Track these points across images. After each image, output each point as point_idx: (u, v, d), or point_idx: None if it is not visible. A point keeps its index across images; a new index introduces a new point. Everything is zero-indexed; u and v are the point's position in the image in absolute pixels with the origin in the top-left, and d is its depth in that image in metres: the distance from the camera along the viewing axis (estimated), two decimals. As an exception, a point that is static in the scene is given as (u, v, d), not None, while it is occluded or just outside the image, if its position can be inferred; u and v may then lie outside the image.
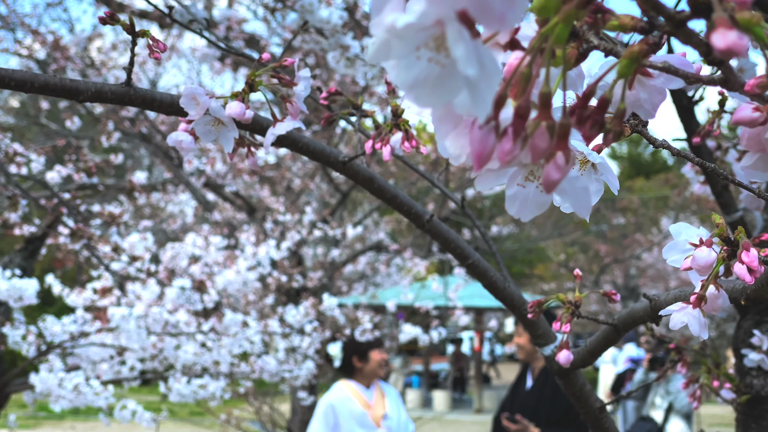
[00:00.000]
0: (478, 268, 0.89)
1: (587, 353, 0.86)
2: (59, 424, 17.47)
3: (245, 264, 5.11)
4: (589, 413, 0.97)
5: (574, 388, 0.95)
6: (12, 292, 3.76)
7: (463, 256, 0.89)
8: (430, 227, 0.87)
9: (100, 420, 14.68)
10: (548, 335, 0.91)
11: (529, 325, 0.91)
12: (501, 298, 0.91)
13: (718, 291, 0.59)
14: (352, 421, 5.01)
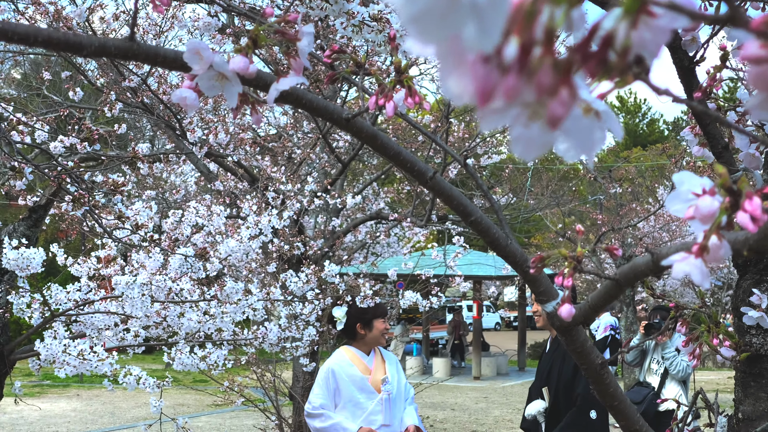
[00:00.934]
0: (480, 225, 0.90)
1: (589, 308, 0.87)
2: (64, 392, 17.61)
3: (247, 232, 5.12)
4: (591, 369, 0.98)
5: (575, 344, 0.96)
6: (19, 261, 3.78)
7: (465, 213, 0.90)
8: (433, 184, 0.87)
9: (103, 388, 14.91)
10: (550, 292, 0.92)
11: (532, 282, 0.92)
12: (503, 255, 0.91)
13: (720, 241, 0.59)
14: (352, 386, 5.05)
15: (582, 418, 4.74)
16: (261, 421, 10.91)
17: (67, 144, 4.80)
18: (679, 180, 0.61)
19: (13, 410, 14.07)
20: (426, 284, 8.08)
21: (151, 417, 13.59)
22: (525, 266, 0.91)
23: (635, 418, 1.01)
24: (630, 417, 1.01)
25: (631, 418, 1.01)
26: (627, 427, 1.01)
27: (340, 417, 4.98)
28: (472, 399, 16.34)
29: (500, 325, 48.18)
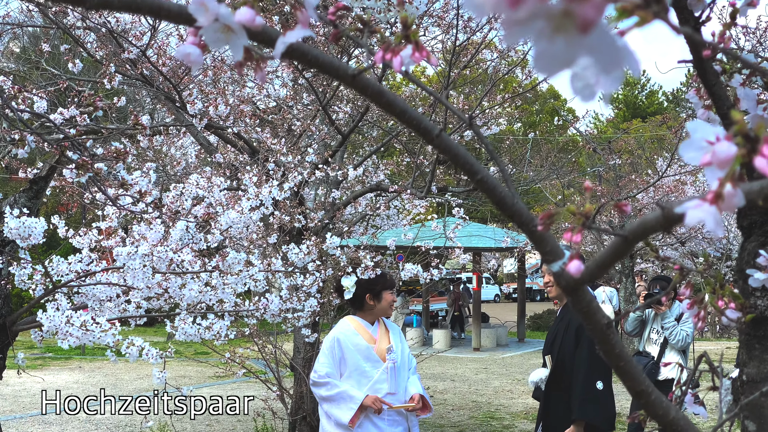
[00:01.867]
0: (486, 184, 0.89)
1: (596, 267, 0.86)
2: (66, 364, 17.69)
3: (248, 204, 5.12)
4: (596, 329, 0.97)
5: (581, 304, 0.95)
6: (21, 230, 3.78)
7: (472, 171, 0.89)
8: (439, 142, 0.87)
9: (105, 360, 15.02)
10: (556, 252, 0.91)
11: (538, 242, 0.91)
12: (509, 214, 0.91)
13: (735, 189, 0.59)
14: (357, 355, 5.09)
15: (590, 392, 4.79)
16: (262, 392, 10.96)
17: (67, 116, 4.78)
18: (693, 128, 0.60)
19: (15, 382, 14.13)
20: (426, 256, 8.09)
21: (153, 389, 13.65)
22: (531, 225, 0.90)
23: (641, 378, 1.01)
24: (635, 377, 1.01)
25: (637, 378, 1.01)
26: (632, 387, 1.01)
27: (346, 385, 5.01)
28: (471, 370, 16.42)
29: (499, 297, 48.31)
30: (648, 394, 1.00)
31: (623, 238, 0.78)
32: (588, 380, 4.79)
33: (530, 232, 0.91)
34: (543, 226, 0.82)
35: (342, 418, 4.93)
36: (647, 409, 1.02)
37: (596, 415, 4.80)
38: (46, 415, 11.51)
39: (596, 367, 4.78)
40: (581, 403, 4.89)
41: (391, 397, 5.07)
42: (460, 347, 21.75)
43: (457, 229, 8.26)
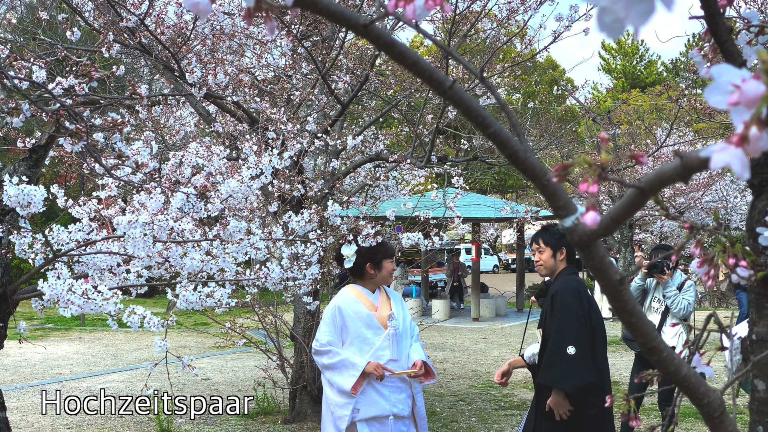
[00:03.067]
0: (499, 137, 0.88)
1: (610, 220, 0.85)
2: (66, 335, 17.75)
3: (248, 172, 5.10)
4: (609, 285, 0.97)
5: (594, 260, 0.94)
6: (20, 198, 3.77)
7: (484, 124, 0.88)
8: (452, 94, 0.85)
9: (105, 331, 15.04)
10: (569, 206, 0.90)
11: (551, 196, 0.90)
12: (522, 168, 0.90)
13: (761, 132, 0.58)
14: (358, 323, 5.10)
15: (558, 355, 4.72)
16: (262, 361, 11.01)
17: (65, 85, 4.75)
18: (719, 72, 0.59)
19: (16, 353, 14.19)
20: (425, 226, 8.08)
21: (153, 359, 13.69)
22: (544, 179, 0.89)
23: (653, 335, 1.00)
24: (647, 334, 1.00)
25: (649, 334, 1.00)
26: (645, 343, 1.01)
27: (348, 353, 5.02)
28: (471, 340, 16.48)
29: (498, 268, 48.43)
30: (660, 350, 1.00)
31: (639, 190, 0.78)
32: (556, 345, 4.73)
33: (543, 186, 0.90)
34: (558, 177, 0.81)
35: (344, 385, 4.95)
36: (659, 365, 1.02)
37: (559, 379, 4.70)
38: (47, 385, 11.56)
39: (567, 332, 4.71)
40: (544, 367, 4.86)
41: (393, 363, 5.09)
42: (459, 317, 21.82)
43: (456, 198, 8.24)
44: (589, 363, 4.67)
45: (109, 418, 9.35)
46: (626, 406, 1.32)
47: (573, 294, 4.81)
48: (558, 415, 4.69)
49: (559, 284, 4.95)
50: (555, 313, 4.81)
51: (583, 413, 4.69)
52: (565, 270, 5.04)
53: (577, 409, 4.70)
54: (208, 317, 11.17)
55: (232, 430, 8.67)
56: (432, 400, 10.11)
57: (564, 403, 4.68)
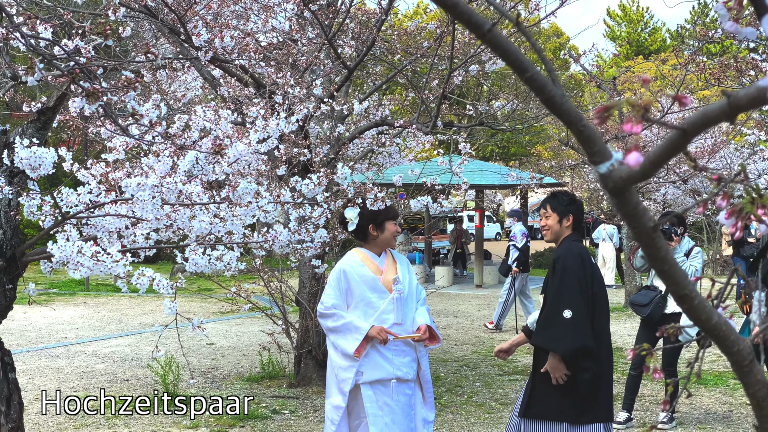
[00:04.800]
0: (536, 82, 0.88)
1: (649, 164, 0.85)
2: (71, 300, 17.82)
3: (256, 136, 5.09)
4: (643, 232, 0.97)
5: (628, 207, 0.94)
6: (31, 160, 3.76)
7: (522, 68, 0.88)
8: (490, 37, 0.85)
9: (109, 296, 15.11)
10: (604, 152, 0.90)
11: (586, 142, 0.90)
12: (558, 113, 0.89)
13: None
14: (363, 286, 5.11)
15: (553, 318, 4.74)
16: (266, 326, 11.05)
17: (71, 47, 4.73)
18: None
19: (21, 317, 14.27)
20: (431, 192, 8.08)
21: (157, 324, 13.75)
22: (580, 125, 0.89)
23: (685, 282, 1.00)
24: (680, 282, 1.00)
25: (681, 282, 1.00)
26: (676, 291, 1.01)
27: (352, 316, 5.04)
28: (474, 306, 16.54)
29: (500, 235, 48.48)
30: (692, 298, 1.00)
31: (682, 131, 0.77)
32: (553, 308, 4.76)
33: (578, 132, 0.90)
34: (599, 119, 0.80)
35: (347, 348, 4.97)
36: (690, 313, 1.02)
37: (552, 342, 4.74)
38: (53, 349, 11.63)
39: (564, 296, 4.73)
40: (538, 329, 4.90)
41: (398, 327, 5.10)
42: (462, 284, 21.88)
43: (462, 164, 8.23)
44: (584, 327, 4.69)
45: (116, 382, 9.41)
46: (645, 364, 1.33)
47: (575, 259, 4.84)
48: (554, 379, 4.72)
49: (562, 249, 4.98)
50: (555, 277, 4.84)
51: (577, 377, 4.72)
52: (570, 237, 5.07)
53: (573, 373, 4.73)
54: (214, 281, 11.21)
55: (237, 393, 8.72)
56: (436, 366, 10.16)
57: (560, 366, 4.69)
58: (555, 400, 4.76)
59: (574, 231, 5.09)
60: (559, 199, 5.11)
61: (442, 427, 7.32)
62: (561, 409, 4.76)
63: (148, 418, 7.67)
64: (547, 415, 4.79)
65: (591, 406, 4.76)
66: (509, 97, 12.33)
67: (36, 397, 8.52)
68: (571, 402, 4.74)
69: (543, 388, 4.82)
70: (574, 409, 4.74)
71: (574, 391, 4.73)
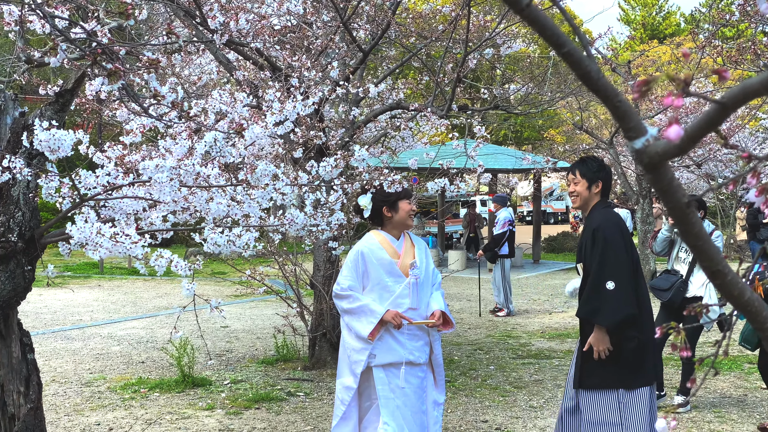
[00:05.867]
0: (573, 57, 0.88)
1: (687, 138, 0.85)
2: (86, 283, 17.93)
3: (272, 118, 5.09)
4: (677, 208, 0.97)
5: (662, 182, 0.94)
6: (51, 142, 3.78)
7: (558, 43, 0.88)
8: (528, 12, 0.85)
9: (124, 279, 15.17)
10: (639, 128, 0.90)
11: (622, 117, 0.90)
12: (594, 88, 0.89)
13: None
14: (380, 270, 5.11)
15: (596, 290, 4.75)
16: (280, 310, 11.11)
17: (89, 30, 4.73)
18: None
19: (36, 299, 14.36)
20: (445, 175, 8.07)
21: (171, 307, 13.83)
22: (616, 100, 0.89)
23: (718, 258, 1.01)
24: (713, 257, 1.01)
25: (714, 258, 1.01)
26: (709, 267, 1.01)
27: (367, 299, 5.05)
28: (487, 290, 16.53)
29: (513, 220, 48.27)
30: (724, 274, 1.00)
31: (720, 105, 0.77)
32: (596, 280, 4.77)
33: (614, 107, 0.90)
34: (639, 93, 0.81)
35: (362, 331, 4.99)
36: (722, 289, 1.03)
37: (595, 314, 4.76)
38: (69, 331, 11.71)
39: (607, 267, 4.74)
40: (582, 302, 4.91)
41: (413, 312, 5.11)
42: (475, 268, 21.87)
43: (478, 148, 8.22)
44: (628, 296, 4.71)
45: (131, 364, 9.47)
46: (675, 338, 1.33)
47: (614, 228, 4.82)
48: (596, 353, 4.74)
49: (599, 218, 4.92)
50: (596, 248, 4.81)
51: (622, 346, 4.74)
52: (600, 203, 5.03)
53: (617, 343, 4.75)
54: (229, 264, 11.25)
55: (252, 376, 8.77)
56: (450, 349, 10.19)
57: (605, 339, 4.72)
58: (609, 369, 4.80)
59: (603, 197, 5.06)
60: (588, 164, 5.06)
61: (456, 409, 7.34)
62: (615, 377, 4.80)
63: (164, 400, 7.72)
64: (603, 385, 4.83)
65: (641, 370, 4.80)
66: (524, 81, 12.30)
67: (53, 378, 8.59)
68: (624, 369, 4.79)
69: (591, 360, 4.85)
70: (628, 376, 4.79)
71: (624, 359, 4.76)
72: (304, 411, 7.35)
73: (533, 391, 8.01)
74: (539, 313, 13.83)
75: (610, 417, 4.81)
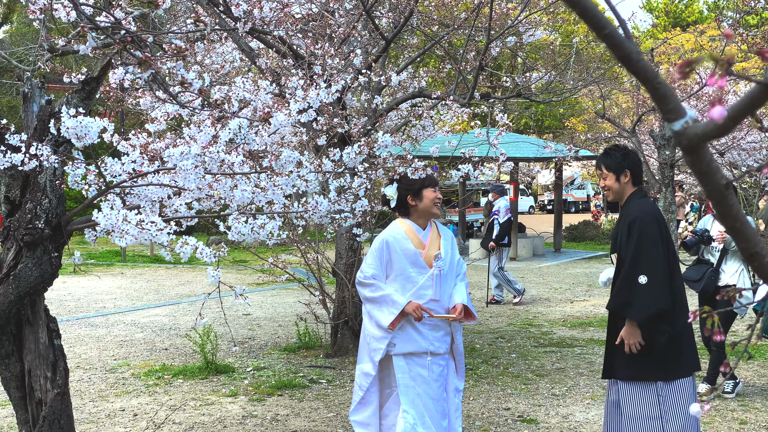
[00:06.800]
0: (613, 39, 0.88)
1: (729, 119, 0.85)
2: (108, 270, 18.07)
3: (296, 106, 5.10)
4: (715, 190, 0.97)
5: (701, 164, 0.94)
6: (78, 129, 3.81)
7: (599, 26, 0.88)
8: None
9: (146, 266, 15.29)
10: (679, 110, 0.90)
11: (661, 99, 0.90)
12: (634, 70, 0.90)
13: None
14: (404, 260, 5.11)
15: (628, 283, 4.71)
16: (302, 297, 11.14)
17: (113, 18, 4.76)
18: None
19: (60, 287, 14.47)
20: (467, 163, 8.06)
21: (194, 295, 13.91)
22: (656, 82, 0.89)
23: (755, 240, 1.01)
24: (750, 239, 1.01)
25: (752, 240, 1.01)
26: (747, 249, 1.01)
27: (390, 289, 5.05)
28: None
29: (534, 209, 48.34)
30: (762, 256, 1.00)
31: (764, 86, 0.78)
32: (629, 273, 4.71)
33: (654, 89, 0.91)
34: (682, 74, 0.81)
35: (382, 321, 5.00)
36: (759, 270, 1.03)
37: (627, 307, 4.72)
38: (93, 318, 11.80)
39: (641, 261, 4.68)
40: (614, 295, 4.87)
41: (435, 303, 5.11)
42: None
43: (500, 136, 8.19)
44: (661, 291, 4.65)
45: (155, 351, 9.54)
46: (709, 321, 1.33)
47: (651, 220, 4.75)
48: (627, 346, 4.72)
49: (636, 210, 4.83)
50: (631, 241, 4.75)
51: (654, 340, 4.72)
52: (636, 194, 4.94)
53: (648, 337, 4.72)
54: (251, 252, 11.30)
55: (274, 363, 8.82)
56: (471, 337, 10.19)
57: (636, 333, 4.69)
58: (643, 362, 4.76)
59: (636, 185, 4.97)
60: (611, 156, 4.99)
61: (478, 397, 7.35)
62: (651, 370, 4.76)
63: (188, 386, 7.78)
64: (639, 377, 4.80)
65: (677, 362, 4.76)
66: (547, 69, 12.24)
67: (77, 364, 8.67)
68: (659, 362, 4.75)
69: (622, 351, 4.82)
70: (663, 368, 4.75)
71: (657, 352, 4.73)
72: (327, 398, 7.39)
73: (555, 379, 8.01)
74: (560, 301, 13.80)
75: (649, 410, 4.77)
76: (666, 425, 4.73)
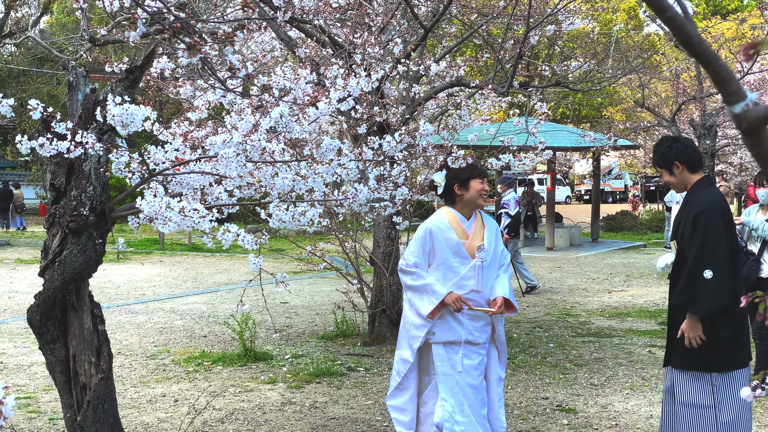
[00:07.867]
0: (675, 22, 0.88)
1: (792, 102, 0.85)
2: (147, 258, 18.27)
3: (336, 95, 5.12)
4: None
5: (761, 147, 0.94)
6: (123, 117, 3.85)
7: (661, 9, 0.88)
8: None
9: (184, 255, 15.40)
10: (739, 93, 0.90)
11: (722, 82, 0.90)
12: (695, 53, 0.90)
13: None
14: (447, 250, 5.11)
15: (693, 278, 4.64)
16: (339, 286, 11.18)
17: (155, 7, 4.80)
18: None
19: (100, 274, 14.60)
20: (506, 152, 8.04)
21: (231, 283, 14.02)
22: (717, 65, 0.89)
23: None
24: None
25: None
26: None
27: (431, 278, 5.05)
28: (545, 269, 16.47)
29: (570, 199, 48.06)
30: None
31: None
32: (694, 268, 4.62)
33: (715, 72, 0.91)
34: (746, 56, 0.81)
35: (422, 310, 5.01)
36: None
37: (692, 302, 4.67)
38: (133, 305, 11.94)
39: (706, 255, 4.60)
40: (678, 289, 4.79)
41: (476, 294, 5.09)
42: (533, 246, 21.79)
43: (539, 125, 8.16)
44: (724, 286, 4.58)
45: (194, 338, 9.63)
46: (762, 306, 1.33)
47: (717, 213, 4.65)
48: (687, 340, 4.68)
49: (702, 201, 4.72)
50: (697, 234, 4.66)
51: (716, 334, 4.67)
52: (701, 182, 4.81)
53: (710, 331, 4.68)
54: (290, 240, 11.36)
55: (312, 351, 8.87)
56: (509, 327, 10.18)
57: (697, 327, 4.64)
58: (701, 354, 4.72)
59: (696, 173, 4.86)
60: (657, 152, 4.91)
61: (516, 386, 7.35)
62: (708, 361, 4.73)
63: (227, 373, 7.85)
64: (696, 367, 4.77)
65: (733, 354, 4.72)
66: (585, 58, 12.15)
67: (118, 351, 8.78)
68: (715, 354, 4.70)
69: (682, 344, 4.79)
70: (720, 360, 4.71)
71: (715, 344, 4.69)
72: (365, 385, 7.42)
73: (594, 369, 7.98)
74: (598, 291, 13.73)
75: (703, 399, 4.74)
76: (719, 414, 4.69)
